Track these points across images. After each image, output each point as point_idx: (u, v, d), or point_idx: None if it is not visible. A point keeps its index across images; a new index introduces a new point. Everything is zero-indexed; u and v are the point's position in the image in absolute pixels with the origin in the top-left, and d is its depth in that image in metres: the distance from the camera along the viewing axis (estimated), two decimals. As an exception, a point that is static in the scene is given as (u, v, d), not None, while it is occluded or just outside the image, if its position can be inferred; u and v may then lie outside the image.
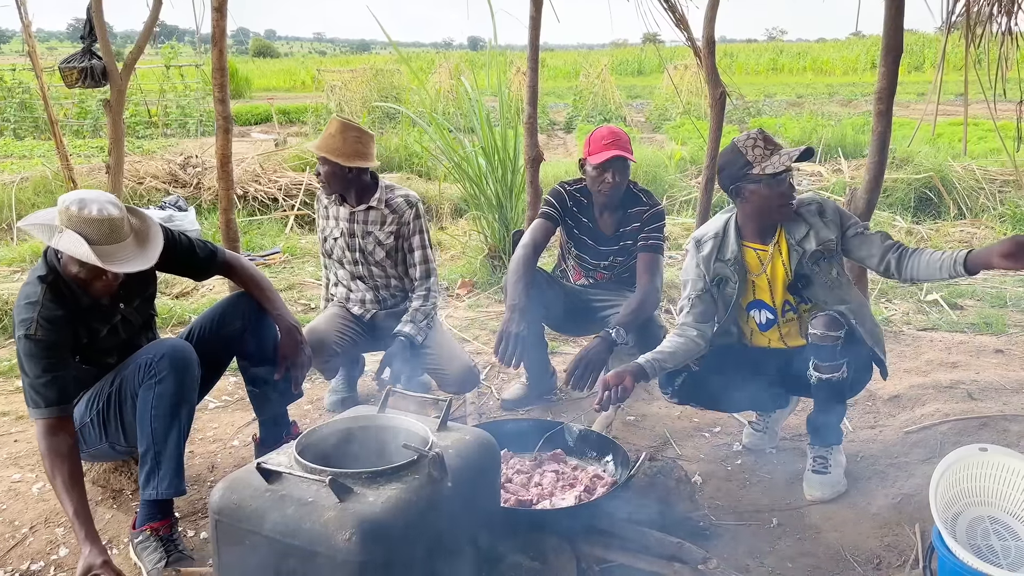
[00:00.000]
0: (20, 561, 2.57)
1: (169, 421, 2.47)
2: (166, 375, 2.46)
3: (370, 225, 3.47)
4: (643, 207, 3.41)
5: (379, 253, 3.50)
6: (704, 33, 4.24)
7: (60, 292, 2.45)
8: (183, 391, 2.51)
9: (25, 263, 6.30)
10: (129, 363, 2.55)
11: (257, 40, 77.54)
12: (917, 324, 4.70)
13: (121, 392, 2.55)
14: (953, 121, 10.76)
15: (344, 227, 3.50)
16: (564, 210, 3.49)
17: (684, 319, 2.99)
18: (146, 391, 2.47)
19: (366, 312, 3.61)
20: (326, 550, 1.75)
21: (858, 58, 36.71)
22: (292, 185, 8.35)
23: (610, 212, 3.45)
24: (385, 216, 3.47)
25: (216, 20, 3.95)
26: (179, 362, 2.49)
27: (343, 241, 3.52)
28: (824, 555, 2.57)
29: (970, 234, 6.56)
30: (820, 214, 2.82)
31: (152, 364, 2.47)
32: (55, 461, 2.38)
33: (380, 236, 3.48)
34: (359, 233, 3.48)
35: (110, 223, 2.34)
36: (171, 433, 2.47)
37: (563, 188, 3.52)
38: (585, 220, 3.49)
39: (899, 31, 3.74)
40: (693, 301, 2.96)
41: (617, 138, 3.31)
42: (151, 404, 2.46)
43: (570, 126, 16.72)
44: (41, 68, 4.96)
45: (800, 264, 2.83)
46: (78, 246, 2.29)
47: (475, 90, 6.16)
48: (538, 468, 2.78)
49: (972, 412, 3.39)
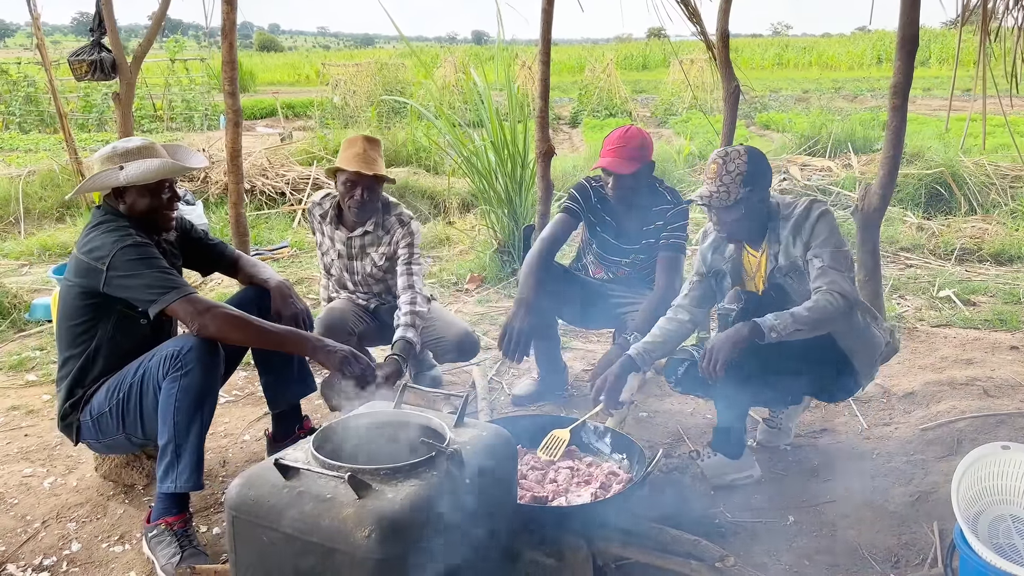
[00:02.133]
0: (32, 556, 2.56)
1: (192, 414, 2.45)
2: (193, 367, 2.44)
3: (367, 248, 3.50)
4: (667, 206, 3.36)
5: (377, 273, 3.54)
6: (718, 26, 4.20)
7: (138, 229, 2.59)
8: (208, 384, 2.50)
9: (33, 256, 6.30)
10: (153, 354, 2.53)
11: (261, 34, 77.34)
12: (931, 320, 4.67)
13: (144, 383, 2.52)
14: (959, 117, 10.69)
15: (340, 249, 3.52)
16: (588, 206, 3.45)
17: (681, 301, 3.03)
18: (171, 383, 2.44)
19: (370, 304, 3.64)
20: (345, 547, 1.73)
21: (863, 53, 36.56)
22: (300, 179, 8.33)
23: (634, 210, 3.39)
24: (380, 238, 3.48)
25: (226, 13, 3.94)
26: (206, 355, 2.48)
27: (340, 263, 3.55)
28: (842, 552, 2.55)
29: (981, 230, 6.51)
30: (795, 231, 2.74)
31: (179, 356, 2.45)
32: (227, 313, 2.52)
33: (375, 257, 3.51)
34: (356, 256, 3.52)
35: (150, 145, 2.62)
36: (193, 426, 2.46)
37: (588, 184, 3.48)
38: (608, 218, 3.45)
39: (915, 24, 3.69)
40: (693, 284, 3.03)
41: (623, 144, 3.23)
42: (175, 396, 2.44)
43: (575, 121, 16.68)
44: (50, 61, 4.94)
45: (772, 275, 2.81)
46: (149, 164, 2.55)
47: (485, 84, 6.13)
48: (552, 464, 2.76)
49: (988, 409, 3.36)
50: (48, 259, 6.22)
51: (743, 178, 2.67)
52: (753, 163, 2.70)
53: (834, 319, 2.63)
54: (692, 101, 15.89)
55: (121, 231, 2.53)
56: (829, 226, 2.71)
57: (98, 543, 2.63)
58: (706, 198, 2.71)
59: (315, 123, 14.66)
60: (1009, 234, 6.35)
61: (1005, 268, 5.80)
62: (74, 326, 2.64)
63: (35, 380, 3.97)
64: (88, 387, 2.66)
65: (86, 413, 2.64)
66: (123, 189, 2.59)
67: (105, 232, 2.53)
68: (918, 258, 6.04)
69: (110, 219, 2.59)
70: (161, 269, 2.51)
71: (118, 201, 2.62)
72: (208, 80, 16.60)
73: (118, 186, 2.57)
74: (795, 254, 2.74)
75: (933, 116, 14.05)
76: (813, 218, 2.71)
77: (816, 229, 2.70)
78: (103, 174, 2.58)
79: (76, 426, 2.69)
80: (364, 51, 39.82)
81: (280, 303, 2.92)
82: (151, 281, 2.47)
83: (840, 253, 2.68)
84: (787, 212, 2.77)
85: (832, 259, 2.66)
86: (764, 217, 2.79)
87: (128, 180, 2.54)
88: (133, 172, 2.54)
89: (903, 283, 5.36)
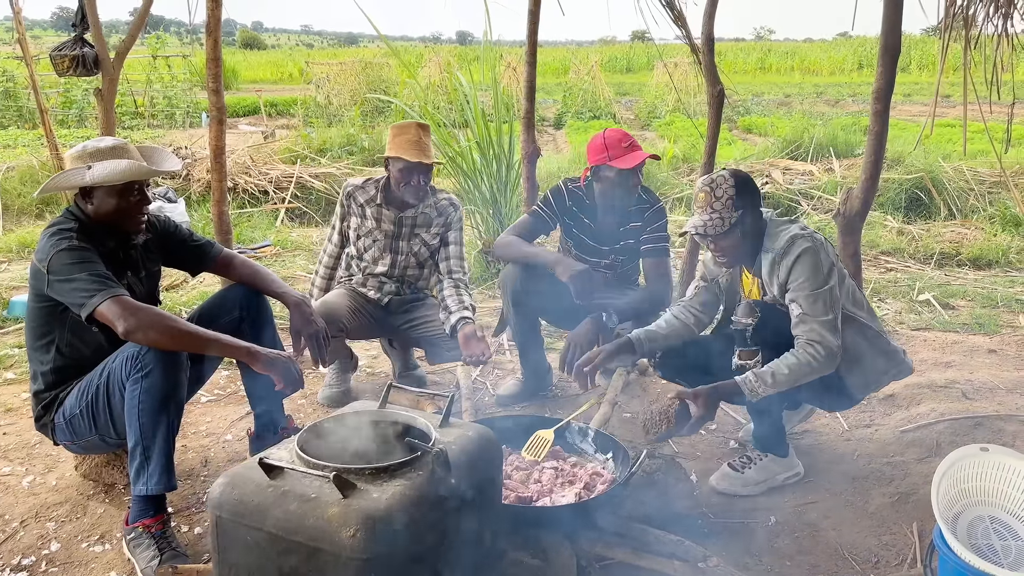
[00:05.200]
0: (11, 556, 2.53)
1: (157, 416, 2.41)
2: (153, 368, 2.40)
3: (418, 227, 3.53)
4: (644, 205, 3.41)
5: (424, 253, 3.58)
6: (704, 30, 4.23)
7: (89, 232, 2.55)
8: (171, 385, 2.44)
9: (12, 253, 6.22)
10: (117, 354, 2.50)
11: (244, 32, 76.92)
12: (910, 324, 4.72)
13: (109, 384, 2.49)
14: (941, 122, 10.82)
15: (388, 229, 3.52)
16: (561, 210, 3.49)
17: (689, 301, 3.04)
18: (133, 384, 2.41)
19: (383, 296, 3.60)
20: (330, 547, 1.72)
21: (845, 59, 36.92)
22: (283, 178, 8.29)
23: (612, 210, 3.43)
24: (432, 219, 3.54)
25: (211, 9, 3.90)
26: (166, 354, 2.43)
27: (383, 242, 3.54)
28: (823, 554, 2.57)
29: (960, 235, 6.60)
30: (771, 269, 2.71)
31: (139, 356, 2.41)
32: (156, 315, 2.44)
33: (426, 238, 3.56)
34: (405, 236, 3.53)
35: (123, 145, 2.59)
36: (159, 428, 2.42)
37: (564, 186, 3.51)
38: (585, 219, 3.48)
39: (897, 30, 3.74)
40: (698, 290, 3.04)
41: (630, 142, 3.31)
42: (138, 398, 2.40)
43: (560, 122, 16.70)
44: (31, 56, 4.88)
45: (762, 299, 2.82)
46: (116, 165, 2.50)
47: (471, 84, 6.13)
48: (537, 464, 2.77)
49: (967, 412, 3.40)
50: (27, 256, 6.15)
51: (733, 202, 2.66)
52: (740, 186, 2.69)
53: (817, 371, 2.62)
54: (676, 104, 15.96)
55: (62, 235, 2.48)
56: (808, 267, 2.62)
57: (78, 543, 2.60)
58: (700, 227, 2.66)
59: (298, 121, 14.59)
60: (987, 239, 6.44)
61: (983, 272, 5.88)
62: (35, 328, 2.62)
63: (13, 378, 3.92)
64: (57, 388, 2.64)
65: (59, 415, 2.62)
66: (91, 189, 2.55)
67: (50, 236, 2.50)
68: (898, 262, 6.10)
69: (60, 222, 2.56)
70: (93, 272, 2.43)
71: (86, 201, 2.58)
72: (190, 77, 16.48)
73: (84, 185, 2.53)
74: (774, 292, 2.74)
75: (912, 122, 14.20)
76: (791, 259, 2.64)
77: (794, 271, 2.64)
78: (70, 172, 2.54)
79: (51, 427, 2.67)
80: (348, 50, 39.70)
81: (301, 322, 2.90)
82: (81, 284, 2.41)
83: (818, 296, 2.61)
84: (769, 245, 2.72)
85: (809, 305, 2.61)
86: (761, 237, 2.76)
87: (94, 180, 2.50)
88: (100, 172, 2.50)
89: (883, 286, 5.41)
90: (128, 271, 2.70)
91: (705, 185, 2.71)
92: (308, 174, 8.38)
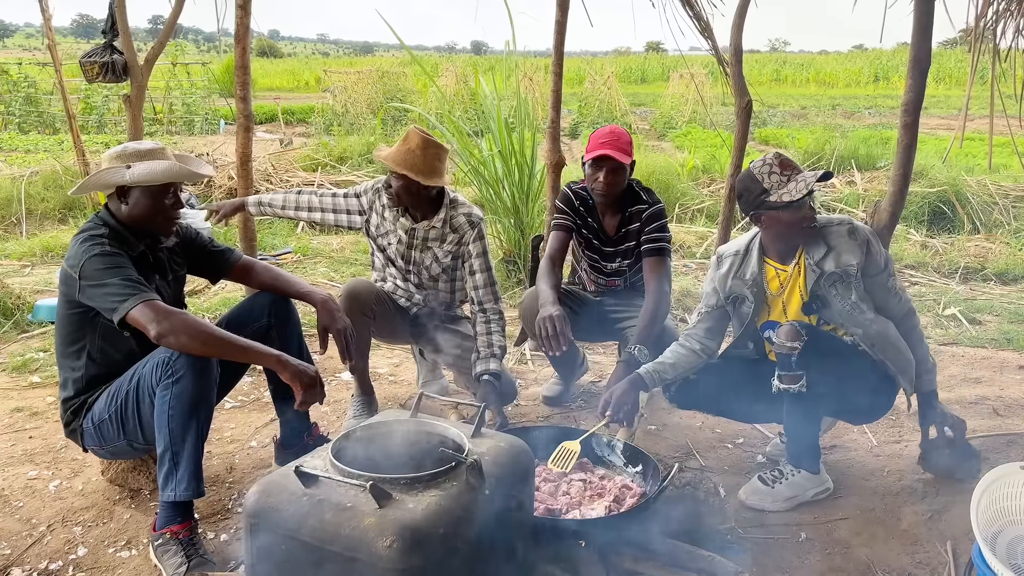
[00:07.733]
0: (38, 560, 2.53)
1: (186, 422, 2.41)
2: (184, 374, 2.41)
3: (430, 241, 3.40)
4: (643, 205, 3.40)
5: (435, 268, 3.43)
6: (732, 41, 4.21)
7: (119, 237, 2.57)
8: (201, 391, 2.44)
9: (36, 257, 6.26)
10: (147, 360, 2.50)
11: (261, 40, 77.40)
12: (937, 339, 4.67)
13: (139, 390, 2.50)
14: (971, 136, 10.75)
15: (402, 237, 3.40)
16: (573, 211, 3.50)
17: (693, 330, 3.02)
18: (163, 390, 2.41)
19: (411, 307, 3.53)
20: (366, 556, 1.71)
21: (860, 71, 36.78)
22: (303, 184, 8.32)
23: (612, 212, 3.45)
24: (445, 234, 3.38)
25: (240, 17, 3.94)
26: (197, 360, 2.43)
27: (399, 249, 3.42)
28: (854, 570, 2.53)
29: (984, 249, 6.53)
30: (850, 235, 2.76)
31: (170, 363, 2.42)
32: (189, 320, 2.43)
33: (439, 253, 3.41)
34: (417, 247, 3.41)
35: (161, 148, 2.63)
36: (189, 434, 2.42)
37: (569, 189, 3.54)
38: (591, 220, 3.50)
39: (927, 43, 3.71)
40: (703, 316, 3.01)
41: (616, 138, 3.29)
42: (168, 404, 2.40)
43: (575, 132, 16.70)
44: (60, 62, 4.92)
45: (817, 284, 2.79)
46: (155, 165, 2.54)
47: (494, 93, 6.14)
48: (565, 476, 2.74)
49: (998, 429, 3.36)
50: (50, 260, 6.19)
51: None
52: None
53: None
54: (692, 115, 15.94)
55: (93, 240, 2.49)
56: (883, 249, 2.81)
57: (104, 548, 2.60)
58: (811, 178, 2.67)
59: (316, 129, 14.66)
60: (1013, 253, 6.37)
61: (1010, 287, 5.82)
62: (66, 335, 2.63)
63: (39, 382, 3.94)
64: (87, 394, 2.64)
65: (87, 420, 2.62)
66: (127, 189, 2.57)
67: (81, 241, 2.51)
68: (922, 276, 6.05)
69: (91, 227, 2.57)
70: (126, 277, 2.43)
71: (120, 202, 2.59)
72: (208, 84, 16.60)
73: (123, 184, 2.56)
74: (850, 261, 2.74)
75: (931, 135, 14.11)
76: (865, 233, 2.77)
77: (873, 247, 2.77)
78: (109, 171, 2.57)
79: (80, 433, 2.67)
80: (364, 59, 39.95)
81: (328, 318, 2.87)
82: (114, 289, 2.41)
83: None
84: (824, 222, 2.79)
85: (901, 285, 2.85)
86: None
87: (134, 179, 2.53)
88: (139, 172, 2.53)
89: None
90: (156, 275, 2.71)
91: (784, 158, 2.74)
92: (328, 182, 8.41)
